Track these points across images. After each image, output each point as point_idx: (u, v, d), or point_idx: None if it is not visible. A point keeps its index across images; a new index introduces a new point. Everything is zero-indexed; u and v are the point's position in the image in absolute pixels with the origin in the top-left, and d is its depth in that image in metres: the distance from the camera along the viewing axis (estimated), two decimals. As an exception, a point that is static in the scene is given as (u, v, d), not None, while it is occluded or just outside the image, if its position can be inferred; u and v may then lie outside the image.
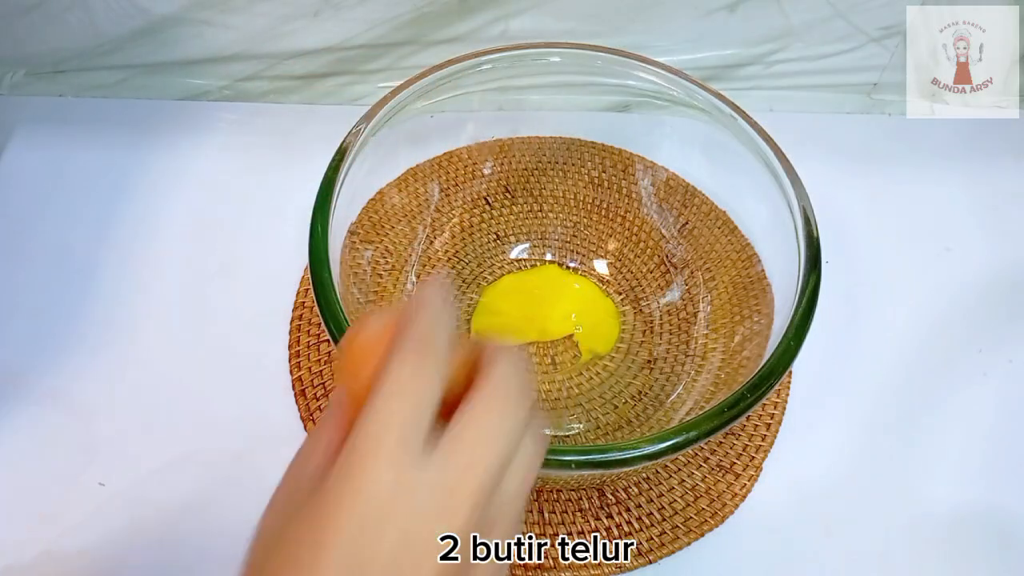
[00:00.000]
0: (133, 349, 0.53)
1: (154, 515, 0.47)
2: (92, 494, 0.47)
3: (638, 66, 0.50)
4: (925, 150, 0.65)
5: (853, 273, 0.57)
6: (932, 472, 0.50)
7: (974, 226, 0.61)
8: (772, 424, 0.51)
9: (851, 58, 0.63)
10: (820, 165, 0.52)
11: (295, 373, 0.52)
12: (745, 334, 0.49)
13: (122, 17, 0.59)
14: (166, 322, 0.54)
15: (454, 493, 0.24)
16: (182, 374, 0.52)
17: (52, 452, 0.49)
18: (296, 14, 0.59)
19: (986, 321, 0.56)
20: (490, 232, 0.58)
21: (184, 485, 0.48)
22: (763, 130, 0.47)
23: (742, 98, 0.49)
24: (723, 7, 0.59)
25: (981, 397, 0.53)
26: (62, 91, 0.65)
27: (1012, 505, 0.49)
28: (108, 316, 0.54)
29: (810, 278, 0.42)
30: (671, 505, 0.48)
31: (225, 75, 0.64)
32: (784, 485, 0.49)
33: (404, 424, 0.24)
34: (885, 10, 0.59)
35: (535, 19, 0.59)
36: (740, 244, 0.54)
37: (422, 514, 0.23)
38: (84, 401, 0.50)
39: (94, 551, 0.45)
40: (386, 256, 0.53)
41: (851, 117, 0.67)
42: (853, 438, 0.51)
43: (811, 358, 0.44)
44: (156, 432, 0.49)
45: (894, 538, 0.47)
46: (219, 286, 0.55)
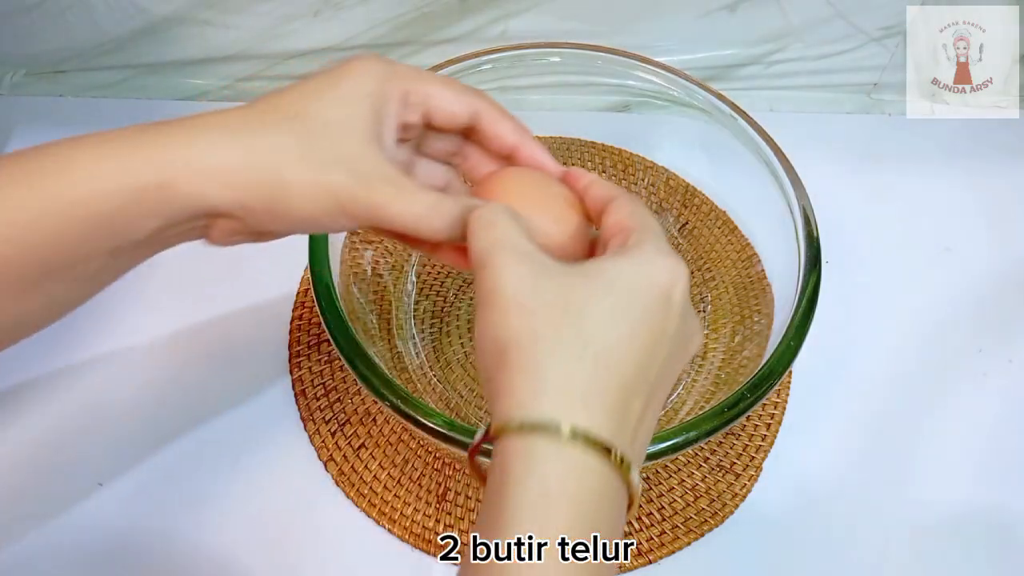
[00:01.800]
0: (133, 349, 0.53)
1: (154, 515, 0.47)
2: (92, 494, 0.47)
3: (638, 66, 0.50)
4: (925, 150, 0.65)
5: (853, 273, 0.57)
6: (932, 472, 0.50)
7: (974, 226, 0.61)
8: (772, 424, 0.51)
9: (851, 58, 0.63)
10: (820, 165, 0.52)
11: (295, 373, 0.52)
12: (745, 334, 0.49)
13: (122, 17, 0.59)
14: (166, 322, 0.54)
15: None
16: (182, 374, 0.52)
17: (52, 452, 0.49)
18: (296, 14, 0.59)
19: (986, 321, 0.56)
20: (490, 232, 0.58)
21: (184, 485, 0.48)
22: (763, 130, 0.47)
23: (742, 98, 0.49)
24: (723, 7, 0.59)
25: (981, 397, 0.53)
26: (62, 91, 0.65)
27: (1012, 504, 0.49)
28: (108, 316, 0.54)
29: (810, 278, 0.42)
30: (671, 505, 0.48)
31: (225, 75, 0.64)
32: (784, 485, 0.49)
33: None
34: (885, 10, 0.59)
35: (535, 19, 0.59)
36: (740, 244, 0.54)
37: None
38: (84, 401, 0.50)
39: (94, 551, 0.46)
40: (386, 256, 0.53)
41: (851, 117, 0.67)
42: (853, 438, 0.51)
43: (811, 358, 0.44)
44: (156, 432, 0.49)
45: (894, 537, 0.47)
46: (219, 286, 0.55)
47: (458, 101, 0.33)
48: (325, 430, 0.50)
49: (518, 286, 0.27)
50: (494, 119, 0.34)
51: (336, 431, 0.50)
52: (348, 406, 0.51)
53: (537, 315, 0.27)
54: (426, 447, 0.50)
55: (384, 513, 0.47)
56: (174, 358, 0.52)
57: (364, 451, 0.49)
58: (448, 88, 0.33)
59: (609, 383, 0.26)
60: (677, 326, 0.28)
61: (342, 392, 0.51)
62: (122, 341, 0.53)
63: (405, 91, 0.32)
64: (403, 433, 0.50)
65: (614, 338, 0.27)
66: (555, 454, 0.25)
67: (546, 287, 0.27)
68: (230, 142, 0.28)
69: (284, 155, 0.28)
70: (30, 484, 0.48)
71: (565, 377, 0.26)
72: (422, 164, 0.36)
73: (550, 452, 0.25)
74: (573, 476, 0.25)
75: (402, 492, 0.48)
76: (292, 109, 0.30)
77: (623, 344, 0.27)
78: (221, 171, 0.28)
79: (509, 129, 0.34)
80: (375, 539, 0.47)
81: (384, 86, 0.31)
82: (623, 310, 0.27)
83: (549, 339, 0.26)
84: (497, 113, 0.34)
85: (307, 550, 0.46)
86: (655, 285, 0.28)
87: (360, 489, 0.48)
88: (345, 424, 0.50)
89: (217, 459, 0.49)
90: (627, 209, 0.31)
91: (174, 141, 0.28)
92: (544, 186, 0.34)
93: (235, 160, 0.28)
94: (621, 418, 0.27)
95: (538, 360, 0.26)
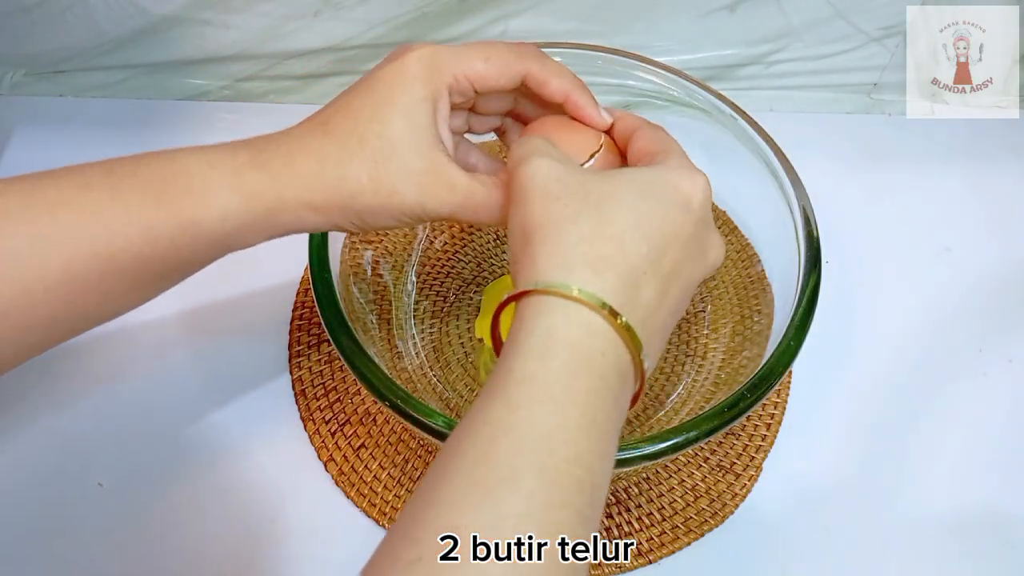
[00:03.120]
0: (133, 349, 0.53)
1: (154, 515, 0.47)
2: (92, 494, 0.47)
3: (638, 66, 0.50)
4: (925, 150, 0.65)
5: (853, 273, 0.57)
6: (932, 472, 0.50)
7: (974, 226, 0.60)
8: (772, 424, 0.51)
9: (851, 58, 0.63)
10: (820, 165, 0.52)
11: (295, 373, 0.52)
12: (745, 334, 0.49)
13: (122, 17, 0.59)
14: (166, 322, 0.54)
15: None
16: (181, 374, 0.52)
17: (52, 452, 0.49)
18: (296, 14, 0.59)
19: (986, 321, 0.56)
20: (490, 232, 0.58)
21: (183, 485, 0.48)
22: (763, 130, 0.47)
23: (742, 98, 0.49)
24: (723, 7, 0.59)
25: (981, 397, 0.53)
26: (62, 91, 0.65)
27: (1012, 504, 0.49)
28: (108, 316, 0.54)
29: (810, 278, 0.42)
30: (671, 505, 0.48)
31: (225, 75, 0.64)
32: (784, 485, 0.49)
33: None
34: (885, 10, 0.59)
35: (535, 19, 0.59)
36: (740, 244, 0.54)
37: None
38: (84, 401, 0.50)
39: (94, 551, 0.46)
40: (386, 256, 0.53)
41: (851, 117, 0.67)
42: (853, 438, 0.51)
43: (811, 358, 0.44)
44: (156, 432, 0.49)
45: (894, 538, 0.47)
46: (219, 286, 0.55)
47: (502, 75, 0.35)
48: (325, 430, 0.50)
49: (547, 178, 0.30)
50: (540, 82, 0.35)
51: (336, 431, 0.50)
52: (348, 406, 0.51)
53: (561, 200, 0.30)
54: (426, 447, 0.50)
55: (384, 513, 0.47)
56: (174, 358, 0.52)
57: (364, 451, 0.49)
58: (491, 62, 0.34)
59: (623, 260, 0.29)
60: (694, 230, 0.31)
61: (342, 392, 0.51)
62: (122, 340, 0.53)
63: (452, 80, 0.34)
64: (403, 433, 0.50)
65: (631, 221, 0.29)
66: (563, 308, 0.28)
67: (572, 180, 0.30)
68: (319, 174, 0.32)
69: (359, 184, 0.32)
70: (30, 484, 0.48)
71: (581, 250, 0.29)
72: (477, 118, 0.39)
73: (558, 306, 0.28)
74: (578, 327, 0.28)
75: (402, 492, 0.48)
76: (360, 132, 0.32)
77: (639, 229, 0.29)
78: (314, 202, 0.32)
79: (556, 89, 0.35)
80: (375, 539, 0.46)
81: (434, 86, 0.33)
82: (642, 201, 0.30)
83: (569, 219, 0.29)
84: (544, 74, 0.35)
85: (307, 550, 0.46)
86: (675, 189, 0.31)
87: (360, 489, 0.48)
88: (345, 424, 0.50)
89: (217, 459, 0.49)
90: (651, 135, 0.35)
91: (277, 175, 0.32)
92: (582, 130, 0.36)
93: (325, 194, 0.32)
94: (632, 294, 0.29)
95: (558, 236, 0.29)
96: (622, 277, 0.29)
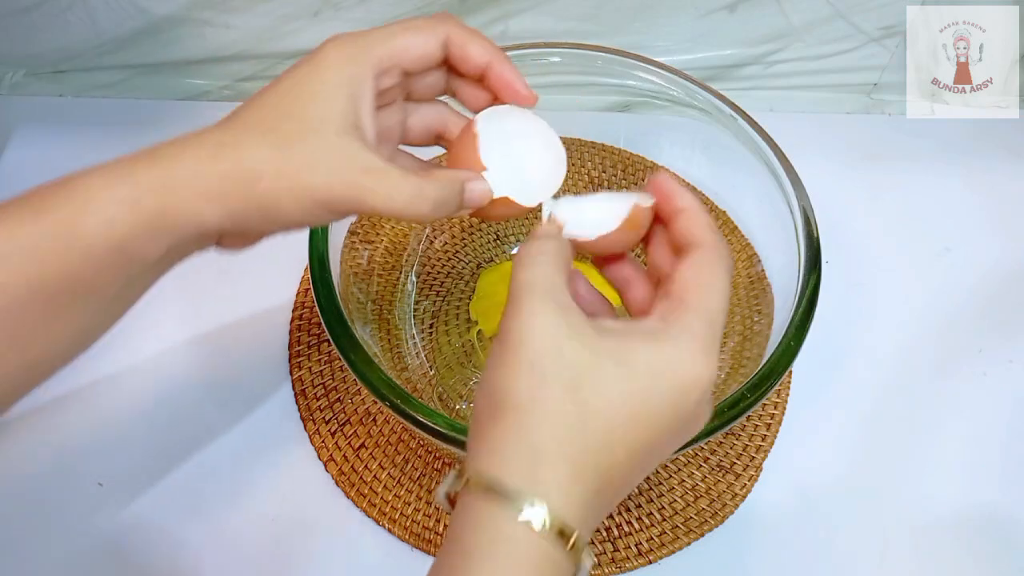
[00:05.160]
0: (133, 349, 0.53)
1: (154, 515, 0.47)
2: (92, 494, 0.47)
3: (638, 66, 0.50)
4: (925, 150, 0.65)
5: (853, 273, 0.57)
6: (932, 472, 0.50)
7: (974, 226, 0.61)
8: (772, 424, 0.51)
9: (851, 58, 0.63)
10: (820, 165, 0.52)
11: (295, 373, 0.52)
12: (745, 334, 0.49)
13: (122, 17, 0.59)
14: (166, 322, 0.54)
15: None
16: (181, 374, 0.52)
17: (52, 452, 0.49)
18: (296, 14, 0.59)
19: (986, 321, 0.56)
20: (490, 232, 0.58)
21: (183, 485, 0.48)
22: (763, 130, 0.47)
23: (742, 98, 0.49)
24: (723, 7, 0.59)
25: (981, 397, 0.53)
26: (62, 91, 0.65)
27: (1012, 504, 0.49)
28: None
29: (810, 278, 0.42)
30: (671, 505, 0.48)
31: (225, 75, 0.64)
32: (784, 485, 0.49)
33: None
34: (885, 10, 0.59)
35: (535, 19, 0.59)
36: (740, 244, 0.54)
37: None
38: (84, 401, 0.50)
39: (94, 551, 0.45)
40: (386, 256, 0.53)
41: (851, 117, 0.67)
42: (853, 438, 0.51)
43: (811, 358, 0.44)
44: (156, 432, 0.49)
45: (893, 538, 0.47)
46: (219, 286, 0.55)
47: (425, 41, 0.33)
48: (325, 430, 0.50)
49: (542, 344, 0.27)
50: (461, 42, 0.33)
51: (336, 431, 0.50)
52: (348, 406, 0.51)
53: (547, 385, 0.27)
54: (426, 447, 0.50)
55: (384, 513, 0.47)
56: (174, 358, 0.52)
57: (364, 451, 0.49)
58: (413, 32, 0.32)
59: (597, 465, 0.27)
60: (683, 425, 0.29)
61: (342, 392, 0.51)
62: (122, 341, 0.53)
63: (376, 61, 0.32)
64: (403, 433, 0.50)
65: (617, 422, 0.27)
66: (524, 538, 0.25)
67: (567, 355, 0.27)
68: (214, 157, 0.29)
69: (263, 167, 0.29)
70: (30, 484, 0.48)
71: (551, 456, 0.26)
72: (415, 111, 0.36)
73: (518, 534, 0.25)
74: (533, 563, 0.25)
75: (402, 492, 0.48)
76: (269, 120, 0.30)
77: (625, 431, 0.27)
78: (211, 191, 0.29)
79: (477, 50, 0.33)
80: (375, 539, 0.47)
81: (356, 68, 0.31)
82: (635, 400, 0.27)
83: (550, 415, 0.26)
84: (464, 35, 0.33)
85: (307, 550, 0.46)
86: (676, 384, 0.28)
87: (360, 489, 0.48)
88: (345, 424, 0.50)
89: (217, 459, 0.49)
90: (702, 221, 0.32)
91: (168, 168, 0.29)
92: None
93: (221, 179, 0.29)
94: (594, 502, 0.27)
95: (531, 430, 0.26)
96: (592, 488, 0.26)
